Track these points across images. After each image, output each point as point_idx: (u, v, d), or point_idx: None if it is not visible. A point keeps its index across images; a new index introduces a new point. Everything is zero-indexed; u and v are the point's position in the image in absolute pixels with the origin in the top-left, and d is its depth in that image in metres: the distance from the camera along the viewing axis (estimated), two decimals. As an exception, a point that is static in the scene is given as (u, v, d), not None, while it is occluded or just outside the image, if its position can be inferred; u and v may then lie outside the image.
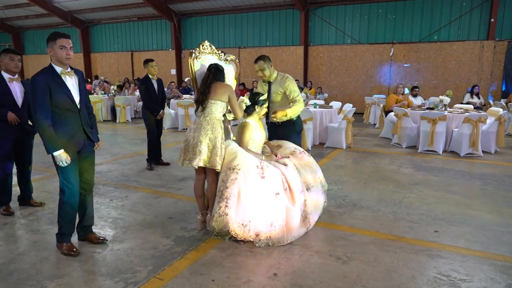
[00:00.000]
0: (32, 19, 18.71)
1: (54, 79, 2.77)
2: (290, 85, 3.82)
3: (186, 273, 2.74)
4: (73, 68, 2.94)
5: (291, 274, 2.73)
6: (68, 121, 2.85)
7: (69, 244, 3.02)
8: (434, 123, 6.68)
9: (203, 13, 15.39)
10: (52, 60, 2.84)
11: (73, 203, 2.98)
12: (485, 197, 4.44)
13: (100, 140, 3.21)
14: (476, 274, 2.73)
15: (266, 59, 3.82)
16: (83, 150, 3.01)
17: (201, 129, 3.23)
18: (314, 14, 13.61)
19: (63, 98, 2.80)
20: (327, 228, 3.53)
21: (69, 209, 2.97)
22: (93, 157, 3.15)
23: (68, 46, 2.80)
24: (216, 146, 3.21)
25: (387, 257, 2.98)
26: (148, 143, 5.76)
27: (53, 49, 2.78)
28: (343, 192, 4.58)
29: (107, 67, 18.43)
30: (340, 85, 13.64)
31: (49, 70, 2.81)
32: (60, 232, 3.03)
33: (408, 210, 4.00)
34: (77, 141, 2.94)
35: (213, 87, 3.28)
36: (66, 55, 2.79)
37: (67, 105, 2.83)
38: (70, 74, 2.86)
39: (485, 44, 11.38)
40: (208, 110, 3.27)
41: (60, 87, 2.79)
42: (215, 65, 3.42)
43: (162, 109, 5.75)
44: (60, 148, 2.78)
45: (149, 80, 5.59)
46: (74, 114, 2.89)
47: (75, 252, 2.98)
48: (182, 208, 4.05)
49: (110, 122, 11.24)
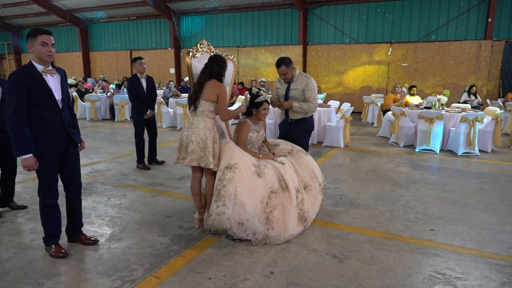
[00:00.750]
0: (30, 18, 18.63)
1: (35, 77, 2.64)
2: (310, 84, 3.84)
3: (183, 271, 2.75)
4: (55, 66, 2.81)
5: (287, 272, 2.74)
6: (49, 122, 2.73)
7: (57, 247, 2.95)
8: (431, 122, 6.70)
9: (202, 12, 15.37)
10: (32, 58, 2.70)
11: (53, 204, 2.90)
12: (482, 196, 4.46)
13: (83, 141, 3.06)
14: (471, 273, 2.75)
15: (288, 63, 3.79)
16: (67, 151, 2.89)
17: (192, 128, 3.23)
18: (313, 14, 13.62)
19: (44, 98, 2.67)
20: (324, 226, 3.54)
21: (50, 211, 2.90)
22: (77, 158, 3.03)
23: (49, 43, 2.65)
24: (207, 145, 3.19)
25: (383, 255, 2.99)
26: (136, 144, 5.62)
27: (33, 46, 2.64)
28: (340, 191, 4.59)
29: (106, 66, 18.40)
30: (338, 84, 13.65)
31: (29, 68, 2.66)
32: (46, 235, 2.96)
33: (404, 208, 4.02)
34: (59, 142, 2.81)
35: (206, 86, 3.24)
36: (47, 52, 2.65)
37: (48, 104, 2.70)
38: (51, 73, 2.73)
39: (482, 43, 11.40)
40: (200, 109, 3.25)
41: (41, 85, 2.66)
42: (212, 57, 3.35)
43: (151, 108, 5.56)
44: (29, 152, 2.65)
45: (137, 79, 5.43)
46: (56, 114, 2.76)
47: (63, 254, 2.91)
48: (180, 206, 4.06)
49: (108, 120, 11.23)
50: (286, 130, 4.04)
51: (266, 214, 3.13)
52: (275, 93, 4.11)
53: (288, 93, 3.91)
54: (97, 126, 10.11)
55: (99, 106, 11.33)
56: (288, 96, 3.91)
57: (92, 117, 11.28)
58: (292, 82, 3.90)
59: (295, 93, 3.88)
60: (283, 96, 3.95)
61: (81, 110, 11.59)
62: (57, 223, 2.98)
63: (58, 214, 2.98)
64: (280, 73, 3.86)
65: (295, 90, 3.88)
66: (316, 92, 3.93)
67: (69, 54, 19.23)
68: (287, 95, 3.92)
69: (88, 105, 11.32)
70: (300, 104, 3.84)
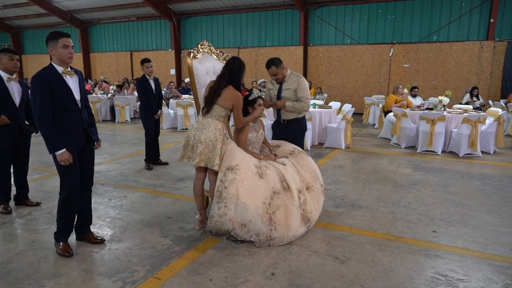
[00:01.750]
0: (31, 19, 18.68)
1: (56, 79, 2.77)
2: (302, 84, 3.83)
3: (184, 272, 2.74)
4: (73, 68, 2.93)
5: (289, 274, 2.73)
6: (69, 120, 2.86)
7: (65, 245, 3.01)
8: (433, 123, 6.68)
9: (202, 13, 15.39)
10: (52, 60, 2.83)
11: (73, 202, 2.99)
12: (484, 197, 4.44)
13: (100, 140, 3.21)
14: (474, 274, 2.73)
15: (278, 63, 3.78)
16: (84, 149, 3.01)
17: (202, 129, 3.22)
18: (314, 14, 13.62)
19: (64, 98, 2.80)
20: (325, 228, 3.53)
21: (69, 209, 2.98)
22: (93, 156, 3.16)
23: (70, 45, 2.80)
24: (216, 147, 3.20)
25: (385, 257, 2.98)
26: (146, 143, 5.77)
27: (55, 49, 2.77)
28: (341, 192, 4.58)
29: (107, 67, 18.42)
30: (339, 85, 13.64)
31: (50, 69, 2.80)
32: (58, 231, 3.03)
33: (406, 210, 4.00)
34: (78, 140, 2.93)
35: (224, 92, 3.19)
36: (68, 54, 2.79)
37: (68, 104, 2.83)
38: (70, 74, 2.86)
39: (484, 44, 11.39)
40: (212, 111, 3.24)
41: (61, 86, 2.78)
42: (232, 61, 3.29)
43: (159, 109, 5.77)
44: (62, 148, 2.78)
45: (147, 80, 5.59)
46: (76, 113, 2.89)
47: (69, 253, 2.96)
48: (181, 208, 4.05)
49: (109, 122, 11.24)
50: (279, 131, 4.02)
51: (269, 214, 3.11)
52: (267, 94, 4.09)
53: (280, 93, 3.89)
54: (98, 127, 10.09)
55: (100, 107, 11.34)
56: (281, 96, 3.89)
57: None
58: (284, 82, 3.88)
59: (287, 93, 3.86)
60: (276, 96, 3.93)
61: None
62: (71, 221, 3.06)
63: (74, 212, 3.07)
64: (270, 74, 3.84)
65: (287, 90, 3.86)
66: (308, 92, 3.91)
67: (70, 55, 19.24)
68: (279, 96, 3.90)
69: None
70: (293, 104, 3.82)
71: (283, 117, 3.95)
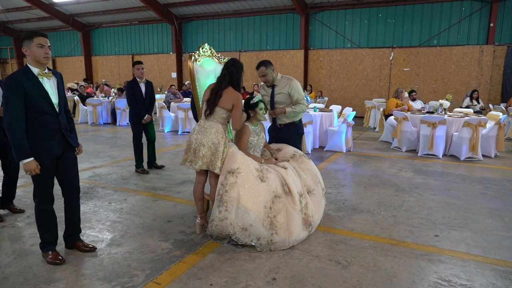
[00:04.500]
0: (33, 22, 18.75)
1: (30, 81, 2.60)
2: (295, 86, 3.79)
3: (184, 277, 2.71)
4: (51, 70, 2.77)
5: (290, 278, 2.70)
6: (46, 125, 2.69)
7: (54, 253, 2.90)
8: (434, 127, 6.67)
9: (203, 16, 15.43)
10: (28, 61, 2.67)
11: (49, 209, 2.86)
12: (486, 201, 4.41)
13: (81, 145, 3.02)
14: (477, 279, 2.71)
15: (267, 64, 3.77)
16: (64, 155, 2.84)
17: (204, 133, 3.19)
18: (314, 18, 13.65)
19: (40, 101, 2.63)
20: (326, 232, 3.51)
21: (45, 216, 2.86)
22: (75, 162, 2.97)
23: (46, 45, 2.64)
24: (219, 150, 3.18)
25: (387, 261, 2.95)
26: (134, 148, 5.59)
27: (29, 48, 2.60)
28: (342, 196, 4.56)
29: (108, 70, 18.46)
30: (340, 89, 13.64)
31: (25, 71, 2.63)
32: (42, 241, 2.91)
33: (408, 214, 3.97)
34: (56, 146, 2.76)
35: (224, 93, 3.19)
36: (44, 54, 2.63)
37: (44, 108, 2.66)
38: (48, 76, 2.70)
39: (484, 48, 11.40)
40: (214, 114, 3.22)
41: (37, 89, 2.62)
42: (232, 61, 3.30)
43: (149, 113, 5.53)
44: (30, 157, 2.61)
45: (136, 83, 5.42)
46: (53, 117, 2.72)
47: (60, 261, 2.86)
48: (181, 211, 4.03)
49: (110, 124, 11.23)
50: (276, 135, 3.99)
51: (270, 218, 3.09)
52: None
53: (273, 98, 3.85)
54: (99, 130, 10.10)
55: (101, 110, 11.34)
56: (274, 101, 3.85)
57: (93, 121, 11.29)
58: (276, 86, 3.84)
59: (280, 97, 3.82)
60: (269, 102, 3.88)
61: (83, 114, 11.61)
62: (53, 229, 2.93)
63: (54, 219, 2.93)
64: (260, 74, 3.80)
65: (280, 94, 3.82)
66: (302, 92, 3.86)
67: (71, 59, 19.32)
68: (273, 100, 3.85)
69: (89, 109, 11.33)
70: (293, 109, 3.77)
71: (279, 121, 3.92)
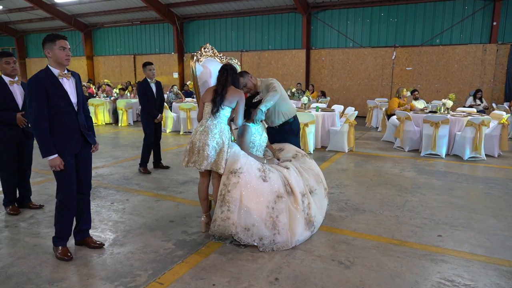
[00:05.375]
0: (35, 23, 18.80)
1: (52, 81, 2.75)
2: (268, 82, 3.66)
3: (187, 277, 2.71)
4: (70, 70, 2.91)
5: (292, 278, 2.69)
6: (65, 124, 2.82)
7: (65, 248, 2.99)
8: (437, 126, 6.64)
9: (205, 16, 15.43)
10: (49, 62, 2.81)
11: (70, 206, 2.95)
12: (489, 201, 4.39)
13: (97, 143, 3.17)
14: (480, 280, 2.69)
15: (243, 74, 3.68)
16: (81, 152, 2.98)
17: (208, 133, 3.20)
18: (316, 18, 13.62)
19: (60, 101, 2.77)
20: (329, 232, 3.50)
21: (66, 212, 2.95)
22: (90, 160, 3.12)
23: (67, 47, 2.80)
24: (223, 150, 3.19)
25: (390, 261, 2.94)
26: (144, 147, 5.66)
27: (52, 51, 2.76)
28: (345, 196, 4.55)
29: (110, 71, 18.49)
30: (342, 89, 13.62)
31: (46, 72, 2.78)
32: (57, 235, 3.00)
33: (411, 214, 3.96)
34: (75, 143, 2.90)
35: (229, 91, 3.24)
36: (66, 56, 2.79)
37: (64, 107, 2.80)
38: (67, 76, 2.84)
39: (487, 47, 11.35)
40: (218, 114, 3.24)
41: (57, 89, 2.76)
42: (230, 65, 3.37)
43: (160, 113, 5.69)
44: (54, 153, 2.75)
45: (148, 84, 5.51)
46: (72, 116, 2.86)
47: (69, 257, 2.93)
48: (183, 211, 4.03)
49: (111, 125, 11.26)
50: (272, 136, 3.96)
51: (272, 219, 3.09)
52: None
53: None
54: (101, 131, 10.12)
55: (103, 111, 11.36)
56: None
57: (95, 122, 11.31)
58: (259, 93, 3.78)
59: None
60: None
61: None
62: (69, 225, 3.04)
63: (72, 216, 3.03)
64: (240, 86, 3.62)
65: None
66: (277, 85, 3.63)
67: (73, 59, 19.24)
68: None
69: (91, 109, 11.35)
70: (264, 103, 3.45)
71: (272, 125, 3.91)
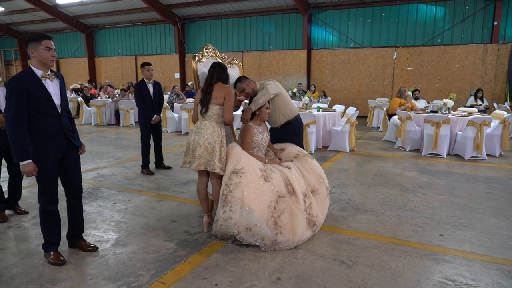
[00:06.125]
0: (37, 24, 18.86)
1: (34, 82, 2.64)
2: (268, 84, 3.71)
3: (189, 277, 2.72)
4: (54, 71, 2.80)
5: (294, 278, 2.70)
6: (48, 126, 2.72)
7: (56, 253, 2.92)
8: (438, 126, 6.65)
9: (206, 17, 15.46)
10: (32, 63, 2.71)
11: (53, 210, 2.88)
12: (490, 200, 4.39)
13: (83, 145, 3.06)
14: (482, 279, 2.70)
15: (242, 79, 3.71)
16: (67, 156, 2.88)
17: (200, 133, 3.23)
18: (317, 18, 13.64)
19: (43, 102, 2.67)
20: (331, 231, 3.51)
21: (50, 217, 2.87)
22: (78, 163, 3.02)
23: (52, 48, 2.70)
24: (215, 149, 3.19)
25: (392, 261, 2.95)
26: (141, 148, 5.66)
27: (37, 51, 2.65)
28: (346, 196, 4.55)
29: (112, 71, 18.54)
30: (343, 89, 13.63)
31: (28, 72, 2.67)
32: (45, 242, 2.94)
33: (412, 213, 3.97)
34: (59, 146, 2.79)
35: (215, 87, 3.26)
36: (51, 57, 2.68)
37: (47, 109, 2.69)
38: (50, 77, 2.74)
39: (488, 47, 11.34)
40: (208, 113, 3.26)
41: (40, 90, 2.65)
42: (218, 63, 3.39)
43: (157, 114, 5.61)
44: (28, 158, 2.63)
45: (144, 85, 5.49)
46: (55, 118, 2.75)
47: (61, 261, 2.87)
48: (185, 211, 4.04)
49: (114, 125, 11.28)
50: (274, 136, 3.99)
51: (274, 218, 3.10)
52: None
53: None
54: (102, 131, 10.15)
55: (104, 111, 11.40)
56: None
57: (97, 122, 11.34)
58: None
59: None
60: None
61: (87, 115, 11.66)
62: (56, 230, 2.96)
63: (57, 220, 2.95)
64: (239, 91, 3.73)
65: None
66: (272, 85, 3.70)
67: (74, 60, 19.42)
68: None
69: (93, 110, 11.38)
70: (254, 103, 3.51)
71: (273, 126, 3.94)
